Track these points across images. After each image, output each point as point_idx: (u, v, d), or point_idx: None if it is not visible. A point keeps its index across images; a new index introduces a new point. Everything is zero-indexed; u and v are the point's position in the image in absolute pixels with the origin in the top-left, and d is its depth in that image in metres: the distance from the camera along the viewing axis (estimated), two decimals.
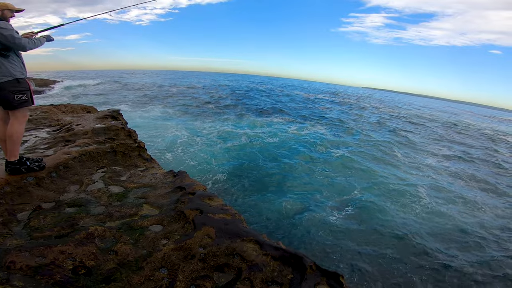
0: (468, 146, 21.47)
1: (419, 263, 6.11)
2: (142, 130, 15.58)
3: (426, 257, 6.35)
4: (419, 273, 5.80)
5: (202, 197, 2.96)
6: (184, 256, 2.09)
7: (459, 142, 22.51)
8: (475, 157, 17.38)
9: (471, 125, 39.87)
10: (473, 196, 10.65)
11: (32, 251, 1.94)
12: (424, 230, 7.52)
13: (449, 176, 13.05)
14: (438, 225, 7.98)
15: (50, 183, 3.15)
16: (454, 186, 11.74)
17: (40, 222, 2.45)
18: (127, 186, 3.34)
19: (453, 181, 12.40)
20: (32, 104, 3.22)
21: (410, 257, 6.26)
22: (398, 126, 26.27)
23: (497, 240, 7.65)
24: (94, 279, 1.83)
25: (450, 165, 14.90)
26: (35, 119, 5.90)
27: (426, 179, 12.06)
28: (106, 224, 2.49)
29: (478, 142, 24.23)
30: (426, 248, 6.63)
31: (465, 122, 41.90)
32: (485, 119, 59.88)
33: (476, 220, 8.60)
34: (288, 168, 11.43)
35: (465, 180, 12.82)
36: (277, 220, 7.24)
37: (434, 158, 16.03)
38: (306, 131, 19.32)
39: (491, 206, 10.01)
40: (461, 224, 8.17)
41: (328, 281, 1.97)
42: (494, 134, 31.93)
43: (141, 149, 4.61)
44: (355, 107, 41.46)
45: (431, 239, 7.11)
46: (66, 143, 4.32)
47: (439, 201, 9.71)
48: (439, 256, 6.42)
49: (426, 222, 8.04)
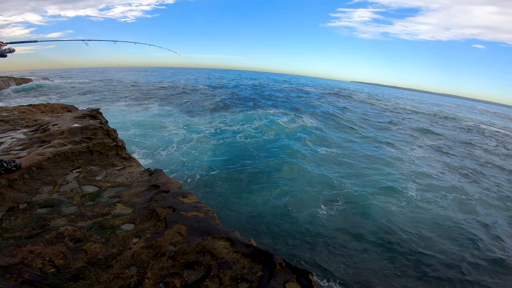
0: (448, 137, 22.23)
1: (400, 260, 6.27)
2: (137, 127, 15.46)
3: (407, 253, 6.53)
4: (401, 270, 5.96)
5: (176, 195, 2.98)
6: (154, 254, 2.11)
7: (438, 134, 23.23)
8: (456, 150, 18.07)
9: (455, 116, 41.78)
10: (458, 185, 11.12)
11: (2, 252, 1.93)
12: (409, 225, 7.72)
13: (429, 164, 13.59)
14: (420, 216, 8.24)
15: (22, 184, 3.10)
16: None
17: (12, 223, 2.42)
18: (102, 185, 3.32)
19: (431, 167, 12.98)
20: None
21: (392, 253, 6.43)
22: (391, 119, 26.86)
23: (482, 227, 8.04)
24: (62, 277, 1.83)
25: (432, 155, 15.48)
26: (12, 119, 5.76)
27: (410, 169, 12.44)
28: (77, 224, 2.48)
29: (456, 132, 25.33)
30: (410, 244, 6.83)
31: (446, 113, 43.93)
32: (468, 111, 62.15)
33: (465, 214, 8.91)
34: (278, 164, 11.43)
35: (446, 168, 13.41)
36: (258, 216, 7.27)
37: (419, 149, 16.54)
38: (295, 124, 19.40)
39: (472, 193, 10.50)
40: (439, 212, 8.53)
41: (298, 278, 2.02)
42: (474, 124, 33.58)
43: (119, 147, 4.57)
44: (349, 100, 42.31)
45: (415, 234, 7.31)
46: (42, 144, 4.25)
47: (424, 194, 9.97)
48: (415, 248, 6.64)
49: (411, 217, 8.25)
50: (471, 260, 6.55)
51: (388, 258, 6.27)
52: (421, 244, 6.88)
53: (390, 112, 34.97)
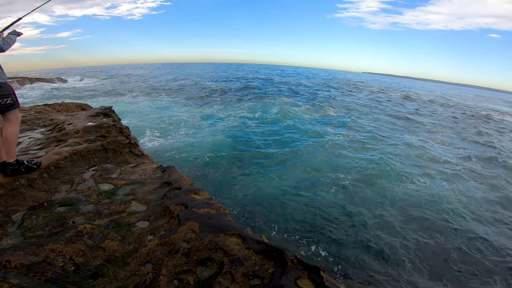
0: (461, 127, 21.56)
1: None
2: (148, 120, 15.72)
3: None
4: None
5: (188, 192, 3.05)
6: (168, 251, 2.18)
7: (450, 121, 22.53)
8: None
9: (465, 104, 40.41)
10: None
11: (26, 250, 2.03)
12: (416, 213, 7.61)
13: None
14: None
15: (42, 183, 3.23)
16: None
17: (33, 222, 2.53)
18: (117, 183, 3.42)
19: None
20: (19, 106, 3.25)
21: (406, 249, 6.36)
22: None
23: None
24: (82, 275, 1.93)
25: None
26: (29, 120, 5.95)
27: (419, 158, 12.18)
28: (95, 221, 2.58)
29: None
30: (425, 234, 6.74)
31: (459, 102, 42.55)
32: (484, 101, 59.84)
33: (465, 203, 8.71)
34: (292, 155, 11.37)
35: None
36: (271, 211, 7.27)
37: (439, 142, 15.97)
38: (309, 115, 19.18)
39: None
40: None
41: (310, 274, 2.05)
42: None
43: (132, 145, 4.68)
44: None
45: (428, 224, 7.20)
46: (58, 143, 4.39)
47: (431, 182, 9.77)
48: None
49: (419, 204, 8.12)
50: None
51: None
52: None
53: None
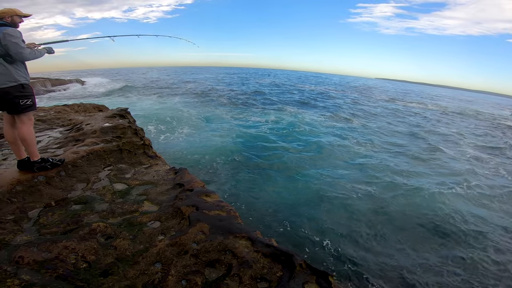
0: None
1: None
2: (159, 120, 15.98)
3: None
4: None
5: (199, 194, 3.07)
6: (178, 252, 2.20)
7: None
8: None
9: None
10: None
11: (40, 247, 2.09)
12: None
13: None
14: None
15: (59, 181, 3.33)
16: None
17: (48, 219, 2.61)
18: (131, 183, 3.48)
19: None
20: (35, 108, 3.38)
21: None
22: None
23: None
24: (93, 272, 1.96)
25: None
26: (49, 119, 6.16)
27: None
28: (108, 220, 2.63)
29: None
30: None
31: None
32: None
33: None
34: (304, 162, 11.24)
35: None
36: (282, 215, 7.20)
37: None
38: (325, 123, 18.96)
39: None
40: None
41: (318, 279, 2.03)
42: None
43: (146, 146, 4.77)
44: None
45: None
46: (76, 143, 4.51)
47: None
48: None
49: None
50: None
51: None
52: None
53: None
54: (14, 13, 3.07)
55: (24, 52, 2.99)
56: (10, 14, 3.05)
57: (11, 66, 2.98)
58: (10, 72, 2.97)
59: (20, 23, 3.17)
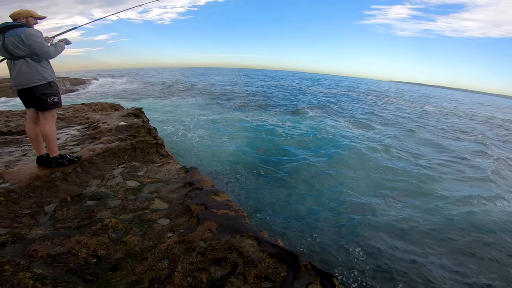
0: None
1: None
2: (171, 120, 16.17)
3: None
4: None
5: (209, 193, 3.12)
6: (185, 249, 2.24)
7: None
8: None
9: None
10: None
11: (53, 241, 2.17)
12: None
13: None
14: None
15: (75, 177, 3.45)
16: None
17: (64, 214, 2.71)
18: (143, 181, 3.57)
19: None
20: (61, 105, 3.53)
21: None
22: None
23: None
24: (102, 267, 2.03)
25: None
26: (67, 117, 6.38)
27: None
28: (120, 216, 2.70)
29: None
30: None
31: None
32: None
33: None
34: (321, 165, 10.93)
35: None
36: (290, 218, 7.08)
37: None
38: (345, 128, 18.42)
39: None
40: None
41: (322, 281, 2.02)
42: None
43: (158, 145, 4.88)
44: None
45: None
46: (93, 140, 4.66)
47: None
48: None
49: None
50: None
51: None
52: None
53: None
54: (29, 14, 3.19)
55: (50, 50, 3.14)
56: (25, 16, 3.18)
57: (38, 64, 3.12)
58: (37, 70, 3.11)
59: (35, 25, 3.30)
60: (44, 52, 3.09)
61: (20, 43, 2.97)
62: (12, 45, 2.97)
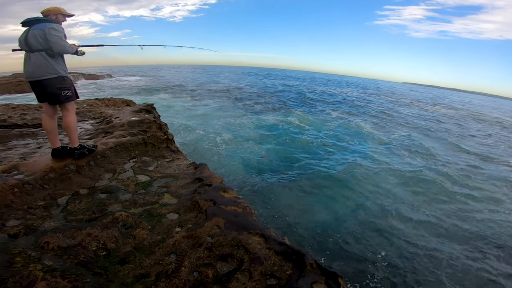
0: None
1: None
2: (180, 117, 16.29)
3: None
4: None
5: (218, 189, 3.14)
6: (193, 244, 2.26)
7: None
8: None
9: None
10: None
11: (65, 233, 2.22)
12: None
13: None
14: None
15: (88, 170, 3.52)
16: None
17: (76, 206, 2.78)
18: (153, 175, 3.62)
19: None
20: (76, 98, 3.62)
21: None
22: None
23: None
24: (111, 260, 2.07)
25: None
26: (82, 112, 6.51)
27: None
28: (130, 210, 2.75)
29: None
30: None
31: None
32: None
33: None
34: (331, 167, 10.94)
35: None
36: (299, 219, 7.03)
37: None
38: (366, 130, 18.25)
39: None
40: None
41: (327, 280, 2.01)
42: None
43: (169, 141, 4.94)
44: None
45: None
46: (106, 134, 4.75)
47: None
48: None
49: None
50: None
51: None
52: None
53: None
54: (59, 11, 3.33)
55: (66, 44, 3.24)
56: (55, 13, 3.31)
57: (52, 59, 3.22)
58: (51, 64, 3.21)
59: (63, 22, 3.42)
60: (60, 46, 3.18)
61: (42, 37, 3.09)
62: (33, 38, 3.10)
